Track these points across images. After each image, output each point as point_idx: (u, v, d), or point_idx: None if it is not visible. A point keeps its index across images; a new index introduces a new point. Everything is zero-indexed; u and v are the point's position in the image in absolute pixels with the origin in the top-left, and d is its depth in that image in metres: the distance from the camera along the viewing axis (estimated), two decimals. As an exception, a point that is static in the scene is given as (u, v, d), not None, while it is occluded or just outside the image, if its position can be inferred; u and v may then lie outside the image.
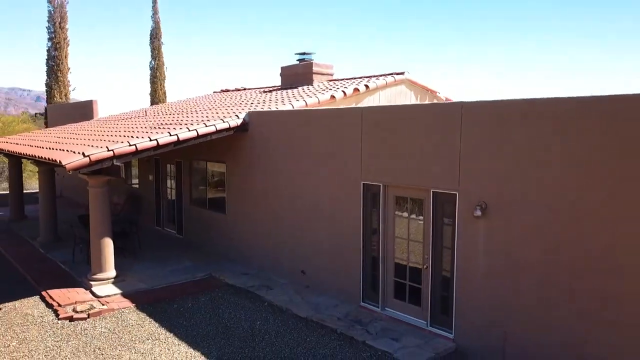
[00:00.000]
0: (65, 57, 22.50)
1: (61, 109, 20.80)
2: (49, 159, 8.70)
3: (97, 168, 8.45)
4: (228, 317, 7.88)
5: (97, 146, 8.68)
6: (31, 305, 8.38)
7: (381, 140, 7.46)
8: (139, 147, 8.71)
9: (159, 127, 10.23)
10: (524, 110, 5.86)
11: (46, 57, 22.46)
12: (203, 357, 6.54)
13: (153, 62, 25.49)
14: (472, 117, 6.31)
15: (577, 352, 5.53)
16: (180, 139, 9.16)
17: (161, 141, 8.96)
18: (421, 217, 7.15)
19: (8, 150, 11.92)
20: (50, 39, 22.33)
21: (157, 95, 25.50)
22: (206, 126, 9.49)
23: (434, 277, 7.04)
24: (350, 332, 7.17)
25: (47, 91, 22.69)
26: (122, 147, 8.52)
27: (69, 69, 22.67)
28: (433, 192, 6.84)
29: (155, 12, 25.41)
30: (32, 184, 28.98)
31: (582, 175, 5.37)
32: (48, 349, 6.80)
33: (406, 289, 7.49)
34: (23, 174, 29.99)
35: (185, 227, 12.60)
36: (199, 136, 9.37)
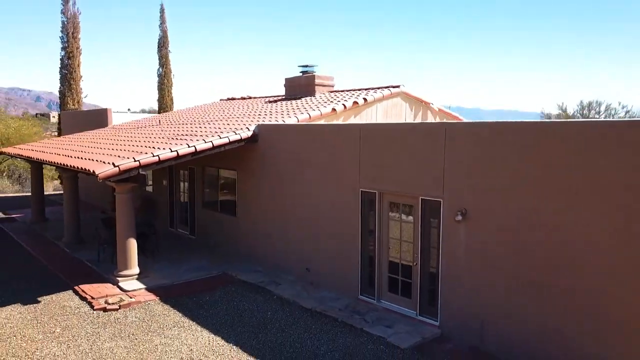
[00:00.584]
0: (78, 66, 23.53)
1: (75, 116, 21.83)
2: (81, 168, 9.75)
3: (125, 177, 9.51)
4: (242, 308, 8.94)
5: (124, 157, 9.74)
6: (67, 299, 9.44)
7: (377, 153, 8.53)
8: (162, 157, 9.77)
9: (177, 138, 11.30)
10: (496, 132, 6.93)
11: (59, 66, 23.52)
12: (223, 341, 7.59)
13: (161, 70, 26.52)
14: (454, 136, 7.37)
15: (540, 332, 6.58)
16: (198, 149, 10.21)
17: (181, 152, 10.02)
18: (411, 221, 8.21)
19: (37, 159, 12.95)
20: (63, 48, 23.36)
21: (164, 102, 26.54)
22: (220, 138, 10.55)
23: (423, 273, 8.10)
24: (350, 320, 8.23)
25: (60, 98, 23.73)
26: (147, 158, 9.58)
27: (82, 76, 23.71)
28: (421, 199, 7.90)
29: (163, 21, 26.44)
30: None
31: (542, 187, 6.43)
32: (88, 334, 7.85)
33: (398, 284, 8.55)
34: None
35: (198, 228, 13.65)
36: (214, 147, 10.44)
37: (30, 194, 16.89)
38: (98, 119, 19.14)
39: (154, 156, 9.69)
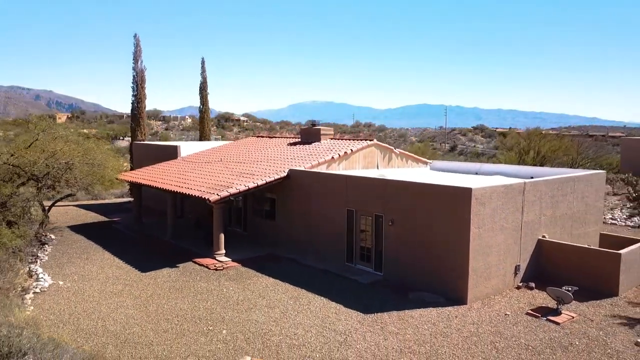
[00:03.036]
0: (144, 108, 31.92)
1: (146, 148, 30.21)
2: (198, 196, 18.11)
3: (221, 201, 17.90)
4: (285, 269, 17.31)
5: (220, 189, 18.13)
6: (191, 265, 17.83)
7: (354, 189, 16.95)
8: (241, 190, 18.18)
9: (244, 175, 19.70)
10: (402, 186, 15.37)
11: (131, 108, 31.94)
12: (280, 281, 15.94)
13: (202, 107, 34.97)
14: (390, 185, 15.79)
15: (422, 270, 14.97)
16: (259, 185, 18.62)
17: (250, 186, 18.43)
18: (370, 224, 16.61)
19: (156, 187, 21.17)
20: (134, 95, 31.77)
21: (204, 132, 35.00)
22: (270, 177, 18.98)
23: (376, 250, 16.52)
24: (340, 273, 16.65)
25: (131, 131, 32.17)
26: (233, 190, 17.98)
27: (146, 115, 32.10)
28: (375, 214, 16.33)
29: (203, 70, 34.87)
30: (105, 193, 38.16)
31: (423, 212, 14.82)
32: (214, 279, 16.24)
33: (365, 256, 16.97)
34: (100, 187, 39.07)
35: (249, 227, 22.03)
36: (267, 183, 18.85)
37: (100, 201, 25.04)
38: (169, 152, 27.51)
39: (236, 189, 18.10)
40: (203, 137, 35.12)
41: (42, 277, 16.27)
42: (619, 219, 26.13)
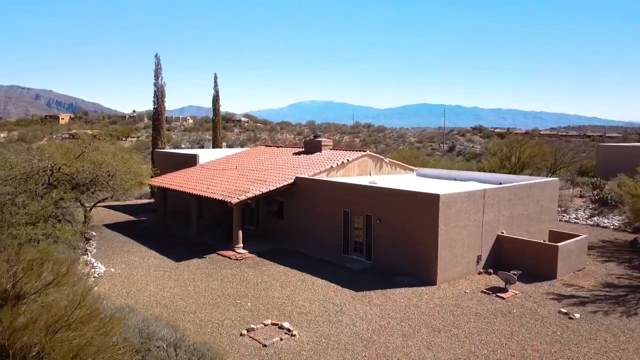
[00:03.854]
0: (164, 119, 35.76)
1: (166, 155, 34.04)
2: (220, 200, 21.98)
3: (241, 203, 21.75)
4: (292, 260, 21.17)
5: (238, 193, 21.99)
6: (216, 256, 21.71)
7: (350, 194, 20.83)
8: (256, 194, 22.06)
9: (257, 182, 23.58)
10: (384, 192, 19.25)
11: (152, 119, 35.77)
12: (289, 268, 19.80)
13: (214, 118, 38.85)
14: (378, 191, 19.66)
15: (404, 260, 18.86)
16: (270, 190, 22.49)
17: (264, 191, 22.30)
18: (362, 222, 20.48)
19: (183, 191, 25.05)
20: (154, 108, 35.61)
21: (217, 139, 38.90)
22: (279, 183, 22.85)
23: (366, 243, 20.38)
24: (338, 262, 20.53)
25: (152, 140, 36.02)
26: (250, 195, 21.85)
27: (166, 126, 35.92)
28: (365, 214, 20.21)
29: (215, 84, 38.74)
30: (126, 196, 42.00)
31: (401, 212, 18.70)
32: (236, 267, 20.14)
33: (358, 248, 20.85)
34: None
35: (260, 225, 25.90)
36: (277, 189, 22.72)
37: (123, 203, 28.80)
38: (189, 160, 31.37)
39: (253, 194, 21.97)
40: (215, 144, 38.98)
41: (96, 265, 20.16)
42: (581, 219, 30.01)
